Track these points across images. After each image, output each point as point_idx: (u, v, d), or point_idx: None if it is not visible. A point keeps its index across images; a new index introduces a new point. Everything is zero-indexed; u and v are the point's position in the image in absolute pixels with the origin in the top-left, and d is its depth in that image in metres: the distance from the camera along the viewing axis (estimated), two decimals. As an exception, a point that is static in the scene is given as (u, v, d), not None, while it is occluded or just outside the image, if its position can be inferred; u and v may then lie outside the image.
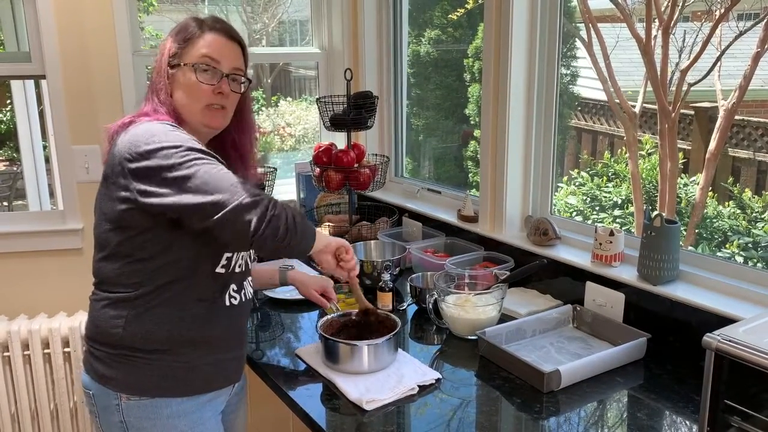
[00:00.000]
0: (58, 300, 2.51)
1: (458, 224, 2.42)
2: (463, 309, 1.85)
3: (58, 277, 2.49)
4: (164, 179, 1.29)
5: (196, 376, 1.45)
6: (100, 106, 2.41)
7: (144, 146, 1.30)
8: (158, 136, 1.32)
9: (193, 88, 1.42)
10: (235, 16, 7.04)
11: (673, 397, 1.55)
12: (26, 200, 4.15)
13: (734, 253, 3.27)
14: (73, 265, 2.47)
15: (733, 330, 1.30)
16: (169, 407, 1.43)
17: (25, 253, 2.46)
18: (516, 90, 2.16)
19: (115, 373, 1.41)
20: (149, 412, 1.42)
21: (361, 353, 1.63)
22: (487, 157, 2.27)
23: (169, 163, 1.29)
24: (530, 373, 1.60)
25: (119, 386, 1.41)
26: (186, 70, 1.42)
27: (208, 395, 1.49)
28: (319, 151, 2.51)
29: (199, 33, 1.43)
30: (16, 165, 6.71)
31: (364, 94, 2.49)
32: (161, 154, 1.29)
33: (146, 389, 1.41)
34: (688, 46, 3.45)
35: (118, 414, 1.42)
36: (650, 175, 3.87)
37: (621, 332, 1.77)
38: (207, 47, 1.43)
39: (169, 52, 1.43)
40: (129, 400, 1.41)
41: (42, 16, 2.31)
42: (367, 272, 2.17)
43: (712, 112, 3.59)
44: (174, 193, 1.29)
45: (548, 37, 2.13)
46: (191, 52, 1.42)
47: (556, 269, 2.04)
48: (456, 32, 4.22)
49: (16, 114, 4.05)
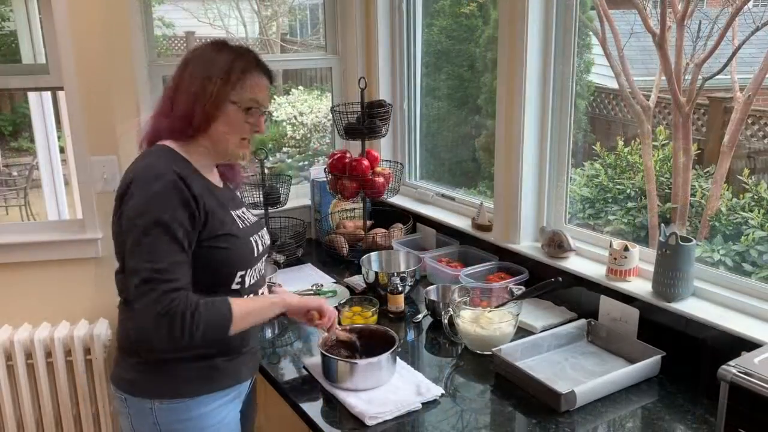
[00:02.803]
0: (80, 308, 2.55)
1: (472, 232, 2.44)
2: (478, 325, 1.87)
3: (79, 285, 2.54)
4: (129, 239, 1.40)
5: (221, 375, 1.54)
6: (117, 117, 2.43)
7: (138, 206, 1.39)
8: (151, 205, 1.38)
9: (237, 126, 1.50)
10: (246, 4, 7.02)
11: (687, 418, 1.57)
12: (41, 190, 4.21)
13: (749, 246, 3.26)
14: (93, 273, 2.52)
15: (748, 361, 1.31)
16: (198, 408, 1.51)
17: (46, 262, 2.50)
18: (530, 92, 2.16)
19: (148, 380, 1.50)
20: (180, 414, 1.50)
21: (359, 370, 1.67)
22: (501, 166, 2.27)
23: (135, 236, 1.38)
24: (546, 392, 1.62)
25: (153, 393, 1.50)
26: (236, 110, 1.48)
27: (231, 394, 1.57)
28: (334, 160, 2.52)
29: (249, 74, 1.49)
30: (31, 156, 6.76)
31: (378, 103, 2.49)
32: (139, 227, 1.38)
33: (179, 393, 1.50)
34: (703, 36, 3.40)
35: (152, 417, 1.50)
36: (664, 167, 3.85)
37: (636, 349, 1.79)
38: (256, 92, 1.51)
39: (218, 87, 1.46)
40: (162, 404, 1.49)
41: (59, 28, 2.32)
42: (383, 283, 2.20)
43: (727, 103, 3.56)
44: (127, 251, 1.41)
45: (564, 29, 2.12)
46: (240, 93, 1.48)
47: (570, 281, 2.06)
48: (468, 21, 4.20)
49: (30, 105, 4.09)
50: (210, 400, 1.53)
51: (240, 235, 1.52)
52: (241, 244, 1.51)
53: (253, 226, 1.60)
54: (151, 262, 1.36)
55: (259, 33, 7.18)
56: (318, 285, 2.33)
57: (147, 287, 1.35)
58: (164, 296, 1.35)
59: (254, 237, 1.57)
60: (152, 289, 1.35)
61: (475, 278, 2.19)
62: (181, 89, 1.47)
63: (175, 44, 7.02)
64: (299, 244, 2.66)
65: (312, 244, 2.88)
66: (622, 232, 3.81)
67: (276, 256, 2.51)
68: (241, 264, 1.51)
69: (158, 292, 1.35)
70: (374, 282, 2.24)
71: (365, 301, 2.08)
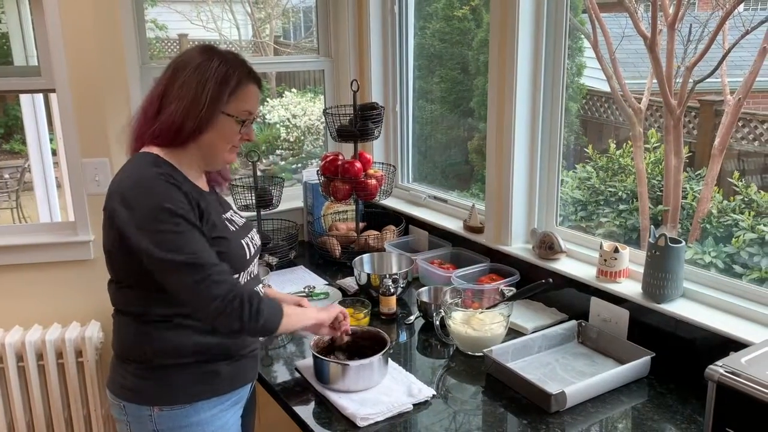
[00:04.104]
0: (71, 310, 2.55)
1: (464, 234, 2.45)
2: (470, 326, 1.88)
3: (71, 287, 2.53)
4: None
5: (221, 379, 1.52)
6: (109, 119, 2.42)
7: (143, 209, 1.38)
8: (155, 201, 1.38)
9: (229, 136, 1.48)
10: (239, 7, 7.03)
11: (676, 418, 1.58)
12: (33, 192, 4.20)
13: (739, 248, 3.28)
14: (85, 275, 2.51)
15: (735, 361, 1.32)
16: (197, 414, 1.50)
17: (37, 264, 2.49)
18: (521, 95, 2.17)
19: (147, 386, 1.49)
20: (180, 420, 1.49)
21: (351, 372, 1.68)
22: (492, 168, 2.28)
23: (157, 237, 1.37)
24: (536, 393, 1.63)
25: (152, 399, 1.48)
26: (229, 121, 1.46)
27: (232, 399, 1.57)
28: (326, 162, 2.53)
29: (242, 85, 1.47)
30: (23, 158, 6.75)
31: (370, 105, 2.50)
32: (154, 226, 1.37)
33: (177, 399, 1.48)
34: (694, 40, 3.43)
35: (150, 424, 1.49)
36: (655, 169, 3.88)
37: (626, 350, 1.80)
38: (249, 103, 1.49)
39: (211, 99, 1.43)
40: (161, 410, 1.48)
41: (50, 30, 2.32)
42: (375, 285, 2.21)
43: (718, 106, 3.58)
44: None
45: (555, 33, 2.13)
46: (234, 104, 1.46)
47: (561, 282, 2.07)
48: (460, 24, 4.22)
49: (21, 106, 4.08)
50: (210, 406, 1.51)
51: (231, 238, 1.52)
52: (233, 248, 1.51)
53: (242, 229, 1.60)
54: (190, 253, 1.36)
55: (253, 35, 7.19)
56: (310, 287, 2.34)
57: (204, 273, 1.36)
58: (225, 277, 1.38)
59: (245, 240, 1.57)
60: (211, 273, 1.36)
61: (467, 280, 2.20)
62: (171, 97, 1.43)
63: (168, 47, 7.02)
64: (292, 246, 2.66)
65: (304, 246, 2.88)
66: (613, 235, 3.83)
67: (268, 258, 2.51)
68: (234, 268, 1.50)
69: (219, 275, 1.37)
70: (366, 284, 2.25)
71: (357, 302, 2.09)
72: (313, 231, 2.83)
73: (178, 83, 1.43)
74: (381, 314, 2.14)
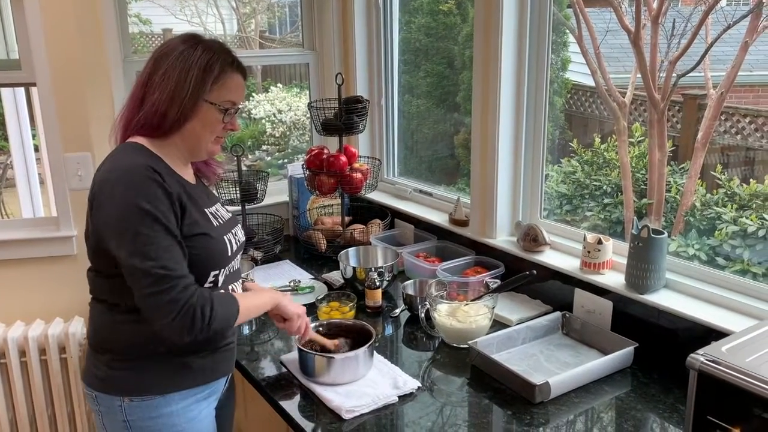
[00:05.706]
0: (54, 306, 2.53)
1: (449, 227, 2.45)
2: (455, 318, 1.88)
3: (54, 283, 2.51)
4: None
5: (193, 372, 1.52)
6: (92, 113, 2.40)
7: (120, 204, 1.37)
8: (132, 199, 1.36)
9: (213, 125, 1.47)
10: (224, 1, 6.98)
11: (659, 407, 1.60)
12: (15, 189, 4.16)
13: (722, 241, 3.31)
14: (68, 271, 2.49)
15: (716, 349, 1.33)
16: (168, 406, 1.49)
17: (20, 260, 2.47)
18: (505, 89, 2.17)
19: (118, 377, 1.48)
20: (150, 412, 1.48)
21: (336, 365, 1.68)
22: (477, 162, 2.29)
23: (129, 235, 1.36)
24: (521, 384, 1.64)
25: (122, 390, 1.48)
26: (212, 110, 1.45)
27: (205, 391, 1.56)
28: (311, 156, 2.52)
29: (226, 74, 1.46)
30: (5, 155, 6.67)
31: (355, 99, 2.50)
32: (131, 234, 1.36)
33: (148, 390, 1.48)
34: (677, 34, 3.45)
35: (121, 414, 1.49)
36: (639, 163, 3.90)
37: (609, 340, 1.82)
38: (233, 92, 1.48)
39: (194, 87, 1.42)
40: (131, 401, 1.48)
41: (30, 23, 2.29)
42: (360, 278, 2.21)
43: (701, 100, 3.61)
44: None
45: (539, 28, 2.13)
46: (218, 93, 1.45)
47: (545, 274, 2.08)
48: (446, 19, 4.22)
49: (2, 101, 4.04)
50: (180, 398, 1.51)
51: (214, 234, 1.50)
52: (214, 244, 1.49)
53: (227, 224, 1.59)
54: (155, 260, 1.34)
55: (238, 30, 7.15)
56: (296, 281, 2.34)
57: (162, 286, 1.34)
58: (182, 294, 1.36)
59: (228, 236, 1.55)
60: (170, 287, 1.35)
61: (452, 273, 2.21)
62: (155, 86, 1.42)
63: (153, 41, 6.96)
64: (277, 240, 2.66)
65: (290, 240, 2.88)
66: (598, 228, 3.85)
67: (254, 252, 2.50)
68: (214, 264, 1.49)
69: (176, 290, 1.35)
70: (352, 277, 2.25)
71: (343, 296, 2.09)
72: (298, 225, 2.82)
73: (161, 71, 1.43)
74: (367, 307, 2.14)
